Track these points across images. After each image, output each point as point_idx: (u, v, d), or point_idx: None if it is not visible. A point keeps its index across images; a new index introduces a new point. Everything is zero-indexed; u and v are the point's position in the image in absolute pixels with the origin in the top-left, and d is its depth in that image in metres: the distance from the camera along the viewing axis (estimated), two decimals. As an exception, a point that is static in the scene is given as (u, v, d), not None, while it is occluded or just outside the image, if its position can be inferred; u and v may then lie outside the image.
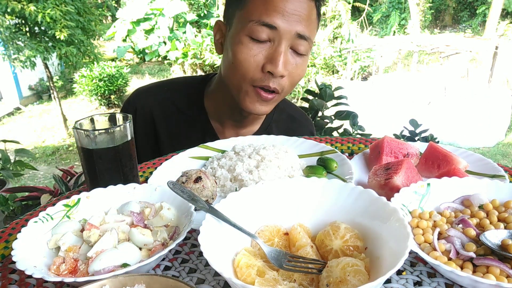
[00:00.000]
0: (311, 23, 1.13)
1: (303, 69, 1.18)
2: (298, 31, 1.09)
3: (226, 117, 1.35)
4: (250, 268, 0.61)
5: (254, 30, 1.08)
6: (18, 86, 10.17)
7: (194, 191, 0.86)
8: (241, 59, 1.11)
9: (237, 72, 1.13)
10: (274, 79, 1.11)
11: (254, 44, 1.10)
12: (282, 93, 1.18)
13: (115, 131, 0.87)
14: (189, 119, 1.37)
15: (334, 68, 11.88)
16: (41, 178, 6.47)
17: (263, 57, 1.10)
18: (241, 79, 1.14)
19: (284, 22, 1.07)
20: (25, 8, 6.35)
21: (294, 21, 1.08)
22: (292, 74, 1.15)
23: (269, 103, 1.19)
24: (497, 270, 0.61)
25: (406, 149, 1.05)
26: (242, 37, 1.11)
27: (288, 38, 1.09)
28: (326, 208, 0.74)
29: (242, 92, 1.17)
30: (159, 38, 12.92)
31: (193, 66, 11.96)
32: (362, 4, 15.21)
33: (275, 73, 1.09)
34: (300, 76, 1.18)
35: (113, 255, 0.64)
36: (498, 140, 7.75)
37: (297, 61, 1.14)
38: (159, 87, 1.46)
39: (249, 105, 1.18)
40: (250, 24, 1.09)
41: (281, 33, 1.08)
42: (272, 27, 1.07)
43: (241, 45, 1.11)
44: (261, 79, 1.12)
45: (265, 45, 1.10)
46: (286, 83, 1.15)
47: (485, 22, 14.83)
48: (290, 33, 1.09)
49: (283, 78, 1.13)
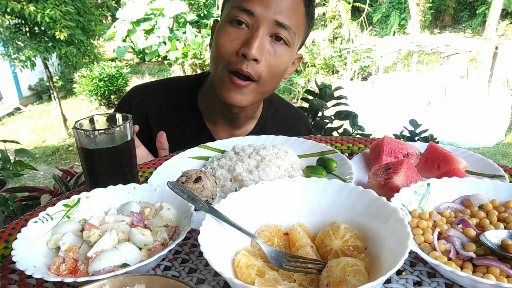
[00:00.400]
0: (293, 14, 1.13)
1: (283, 60, 1.17)
2: (277, 19, 1.10)
3: (218, 116, 1.35)
4: (250, 268, 0.61)
5: (233, 15, 1.11)
6: (18, 86, 10.17)
7: (194, 191, 0.86)
8: (219, 43, 1.13)
9: (216, 56, 1.16)
10: (247, 63, 1.11)
11: (233, 29, 1.12)
12: (260, 82, 1.16)
13: (115, 131, 0.87)
14: (183, 118, 1.38)
15: (334, 68, 11.89)
16: (41, 178, 6.47)
17: (240, 41, 1.11)
18: (219, 64, 1.15)
19: (262, 8, 1.09)
20: (24, 8, 6.35)
21: (273, 9, 1.09)
22: (270, 62, 1.14)
23: (244, 92, 1.17)
24: (497, 270, 0.61)
25: (406, 149, 1.05)
26: (224, 24, 1.14)
27: (266, 24, 1.10)
28: (326, 208, 0.74)
29: (219, 80, 1.17)
30: (159, 38, 12.92)
31: (193, 66, 11.96)
32: (362, 4, 15.21)
33: (247, 55, 1.09)
34: (279, 67, 1.17)
35: (113, 255, 0.64)
36: (498, 140, 7.75)
37: (276, 49, 1.14)
38: (155, 86, 1.46)
39: (225, 93, 1.17)
40: (231, 10, 1.12)
41: (258, 18, 1.09)
42: (249, 12, 1.09)
43: (221, 31, 1.14)
44: (235, 62, 1.12)
45: (243, 31, 1.12)
46: (264, 71, 1.14)
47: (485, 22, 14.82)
48: (268, 19, 1.10)
49: (259, 65, 1.12)
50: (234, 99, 1.17)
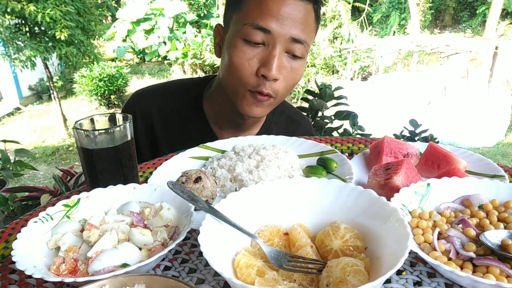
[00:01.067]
0: (307, 26, 1.12)
1: (298, 73, 1.17)
2: (293, 35, 1.08)
3: (225, 120, 1.35)
4: (250, 268, 0.61)
5: (248, 34, 1.08)
6: (18, 86, 10.17)
7: (194, 191, 0.86)
8: (236, 63, 1.11)
9: (233, 76, 1.14)
10: (267, 83, 1.11)
11: (249, 48, 1.10)
12: (278, 97, 1.17)
13: (115, 131, 0.87)
14: (188, 122, 1.36)
15: (334, 68, 11.88)
16: (41, 178, 6.47)
17: (257, 61, 1.10)
18: (237, 84, 1.14)
19: (278, 25, 1.07)
20: (25, 8, 6.35)
21: (289, 25, 1.08)
22: (287, 78, 1.14)
23: (264, 106, 1.18)
24: (497, 270, 0.61)
25: (406, 149, 1.05)
26: (237, 40, 1.11)
27: (282, 42, 1.09)
28: (326, 208, 0.74)
29: (239, 96, 1.17)
30: (159, 38, 12.92)
31: (193, 66, 11.96)
32: (362, 4, 15.21)
33: (268, 76, 1.08)
34: (295, 80, 1.17)
35: (113, 255, 0.64)
36: (498, 140, 7.75)
37: (292, 65, 1.13)
38: (158, 89, 1.44)
39: (246, 108, 1.17)
40: (245, 27, 1.09)
41: (275, 36, 1.08)
42: (266, 30, 1.07)
43: (236, 49, 1.11)
44: (256, 83, 1.11)
45: (259, 49, 1.10)
46: (281, 87, 1.14)
47: (485, 22, 14.83)
48: (284, 37, 1.08)
49: (277, 82, 1.12)
50: (254, 112, 1.18)
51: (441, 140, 2.44)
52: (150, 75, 12.59)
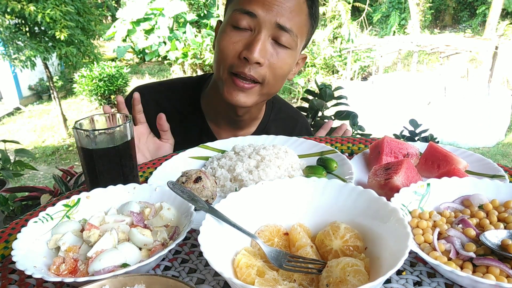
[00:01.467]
0: (295, 16, 1.12)
1: (287, 62, 1.16)
2: (279, 21, 1.10)
3: (221, 117, 1.35)
4: (250, 268, 0.61)
5: (235, 18, 1.11)
6: (18, 86, 10.17)
7: (194, 191, 0.86)
8: (222, 46, 1.13)
9: (218, 59, 1.16)
10: (250, 66, 1.11)
11: (235, 32, 1.12)
12: (264, 84, 1.17)
13: (115, 131, 0.87)
14: (186, 119, 1.37)
15: (334, 68, 11.88)
16: (41, 178, 6.47)
17: (242, 44, 1.11)
18: (221, 66, 1.15)
19: (264, 11, 1.08)
20: (24, 8, 6.35)
21: (275, 11, 1.09)
22: (273, 65, 1.14)
23: (248, 93, 1.17)
24: (497, 270, 0.61)
25: (406, 149, 1.05)
26: (226, 27, 1.14)
27: (268, 27, 1.10)
28: (326, 208, 0.74)
29: (222, 82, 1.18)
30: (159, 38, 12.92)
31: (193, 66, 11.96)
32: (362, 4, 15.21)
33: (250, 59, 1.09)
34: (283, 69, 1.17)
35: (113, 255, 0.64)
36: (498, 140, 7.75)
37: (278, 52, 1.14)
38: (156, 86, 1.46)
39: (227, 95, 1.17)
40: (233, 13, 1.12)
41: (260, 21, 1.09)
42: (252, 14, 1.09)
43: (224, 34, 1.14)
44: (238, 65, 1.12)
45: (246, 34, 1.11)
46: (267, 73, 1.14)
47: (485, 22, 14.82)
48: (270, 22, 1.09)
49: (262, 67, 1.12)
50: (238, 101, 1.17)
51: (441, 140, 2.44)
52: (150, 75, 12.59)
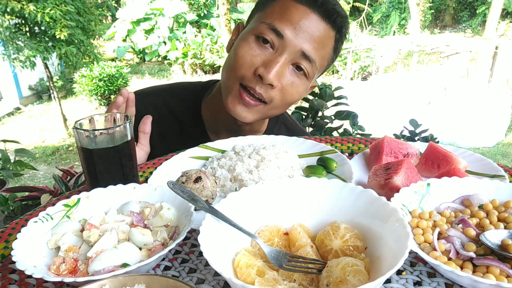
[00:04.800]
0: (321, 48, 1.10)
1: (298, 91, 1.14)
2: (304, 49, 1.07)
3: (222, 126, 1.32)
4: (250, 268, 0.61)
5: (261, 31, 1.07)
6: (18, 86, 10.17)
7: (194, 191, 0.86)
8: (240, 54, 1.09)
9: (231, 66, 1.12)
10: (262, 85, 1.08)
11: (257, 45, 1.08)
12: (270, 105, 1.14)
13: (115, 131, 0.87)
14: (184, 126, 1.34)
15: (334, 68, 11.88)
16: (41, 178, 6.47)
17: (260, 60, 1.08)
18: (232, 74, 1.12)
19: (293, 34, 1.05)
20: (24, 8, 6.35)
21: (304, 38, 1.06)
22: (285, 90, 1.11)
23: (251, 110, 1.14)
24: (497, 270, 0.61)
25: (406, 149, 1.05)
26: (249, 35, 1.10)
27: (291, 51, 1.07)
28: (326, 208, 0.74)
29: (228, 89, 1.14)
30: (159, 38, 12.93)
31: (193, 66, 11.97)
32: (362, 4, 15.21)
33: (264, 78, 1.06)
34: (293, 97, 1.14)
35: (113, 255, 0.64)
36: (498, 140, 7.75)
37: (294, 79, 1.11)
38: (157, 91, 1.42)
39: (230, 105, 1.14)
40: (261, 25, 1.08)
41: (286, 43, 1.06)
42: (279, 34, 1.06)
43: (245, 42, 1.10)
44: (250, 79, 1.09)
45: (267, 51, 1.08)
46: (276, 96, 1.11)
47: (485, 22, 14.83)
48: (295, 47, 1.06)
49: (273, 89, 1.09)
50: (238, 114, 1.14)
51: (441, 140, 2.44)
52: (150, 75, 12.59)
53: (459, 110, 8.22)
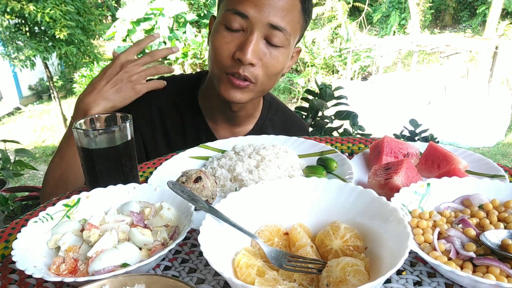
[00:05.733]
0: (288, 14, 1.12)
1: (280, 61, 1.16)
2: (271, 21, 1.09)
3: (218, 113, 1.35)
4: (250, 268, 0.61)
5: (227, 19, 1.11)
6: (18, 86, 10.17)
7: (194, 191, 0.86)
8: (215, 46, 1.13)
9: (213, 59, 1.16)
10: (244, 67, 1.11)
11: (228, 33, 1.12)
12: (258, 83, 1.17)
13: (115, 131, 0.87)
14: (184, 117, 1.38)
15: (334, 68, 11.89)
16: (41, 178, 6.46)
17: (235, 45, 1.11)
18: (216, 67, 1.16)
19: (256, 11, 1.08)
20: (24, 8, 6.35)
21: (267, 11, 1.08)
22: (267, 64, 1.14)
23: (244, 91, 1.17)
24: (497, 270, 0.61)
25: (406, 149, 1.05)
26: (219, 27, 1.14)
27: (260, 27, 1.09)
28: (326, 208, 0.74)
29: (217, 80, 1.18)
30: (159, 38, 12.92)
31: (193, 66, 11.97)
32: (362, 4, 15.21)
33: (243, 60, 1.09)
34: (276, 68, 1.17)
35: (113, 255, 0.64)
36: (498, 140, 7.75)
37: (271, 51, 1.14)
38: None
39: (224, 92, 1.17)
40: (226, 13, 1.11)
41: (252, 22, 1.09)
42: (243, 15, 1.08)
43: (217, 34, 1.14)
44: (232, 66, 1.12)
45: (238, 34, 1.11)
46: (260, 73, 1.14)
47: (485, 22, 14.82)
48: (262, 22, 1.09)
49: (255, 67, 1.12)
50: (234, 97, 1.18)
51: (441, 140, 2.45)
52: (150, 75, 12.57)
53: (459, 110, 8.22)
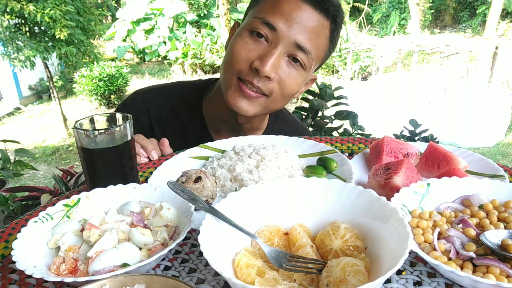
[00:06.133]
0: (315, 38, 1.10)
1: (297, 82, 1.14)
2: (298, 40, 1.07)
3: (222, 124, 1.33)
4: (250, 268, 0.61)
5: (254, 26, 1.09)
6: (18, 86, 10.17)
7: (194, 191, 0.86)
8: (235, 50, 1.11)
9: (228, 62, 1.13)
10: (259, 78, 1.09)
11: (251, 40, 1.10)
12: (271, 98, 1.14)
13: (115, 131, 0.87)
14: (186, 125, 1.35)
15: (334, 68, 11.89)
16: (41, 178, 6.47)
17: (256, 54, 1.09)
18: (229, 70, 1.13)
19: (285, 26, 1.06)
20: (24, 8, 6.34)
21: (297, 29, 1.06)
22: (283, 82, 1.11)
23: (251, 102, 1.14)
24: (497, 270, 0.61)
25: (406, 149, 1.05)
26: (243, 31, 1.11)
27: (285, 43, 1.07)
28: (326, 208, 0.74)
29: (227, 84, 1.15)
30: (159, 38, 12.93)
31: (193, 66, 11.97)
32: (362, 4, 15.21)
33: (260, 71, 1.06)
34: (292, 88, 1.14)
35: (113, 255, 0.64)
36: (498, 140, 7.75)
37: (291, 71, 1.11)
38: (158, 89, 1.43)
39: (230, 99, 1.14)
40: (254, 20, 1.09)
41: (279, 36, 1.07)
42: (272, 27, 1.06)
43: (239, 38, 1.11)
44: (247, 73, 1.10)
45: (262, 45, 1.09)
46: (275, 89, 1.12)
47: (485, 22, 14.83)
48: (288, 39, 1.07)
49: (271, 82, 1.10)
50: (240, 107, 1.14)
51: (441, 140, 2.44)
52: (150, 75, 12.59)
53: (459, 110, 8.22)
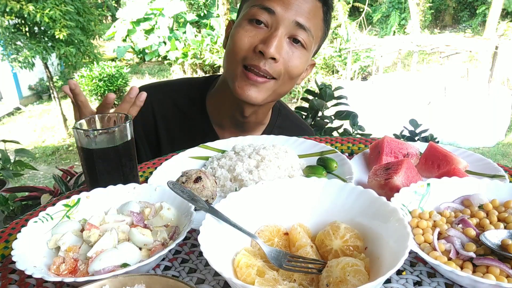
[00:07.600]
0: (313, 17, 1.13)
1: (301, 62, 1.16)
2: (297, 20, 1.10)
3: (227, 119, 1.33)
4: (250, 268, 0.61)
5: (253, 13, 1.10)
6: (18, 86, 10.16)
7: (194, 191, 0.86)
8: (237, 38, 1.12)
9: (231, 52, 1.14)
10: (265, 61, 1.09)
11: (252, 27, 1.11)
12: (279, 81, 1.15)
13: (115, 131, 0.87)
14: (190, 121, 1.35)
15: (334, 68, 11.88)
16: (41, 178, 6.46)
17: (258, 39, 1.10)
18: (234, 59, 1.13)
19: (283, 8, 1.09)
20: (24, 8, 6.34)
21: (294, 10, 1.09)
22: (288, 62, 1.13)
23: (260, 89, 1.14)
24: (497, 270, 0.61)
25: (406, 149, 1.05)
26: (242, 21, 1.13)
27: (286, 25, 1.10)
28: (326, 208, 0.74)
29: (232, 75, 1.15)
30: (159, 38, 12.93)
31: (193, 66, 11.96)
32: (362, 4, 15.21)
33: (265, 53, 1.07)
34: (297, 68, 1.16)
35: (113, 255, 0.64)
36: (498, 140, 7.75)
37: (294, 51, 1.13)
38: (161, 86, 1.44)
39: (239, 90, 1.14)
40: (251, 8, 1.11)
41: (278, 18, 1.09)
42: (270, 11, 1.09)
43: (239, 27, 1.13)
44: (251, 58, 1.10)
45: (263, 30, 1.11)
46: (282, 70, 1.13)
47: (485, 22, 14.83)
48: (288, 20, 1.09)
49: (277, 63, 1.11)
50: (249, 96, 1.14)
51: (441, 140, 2.45)
52: (150, 75, 12.59)
53: (459, 110, 8.21)
